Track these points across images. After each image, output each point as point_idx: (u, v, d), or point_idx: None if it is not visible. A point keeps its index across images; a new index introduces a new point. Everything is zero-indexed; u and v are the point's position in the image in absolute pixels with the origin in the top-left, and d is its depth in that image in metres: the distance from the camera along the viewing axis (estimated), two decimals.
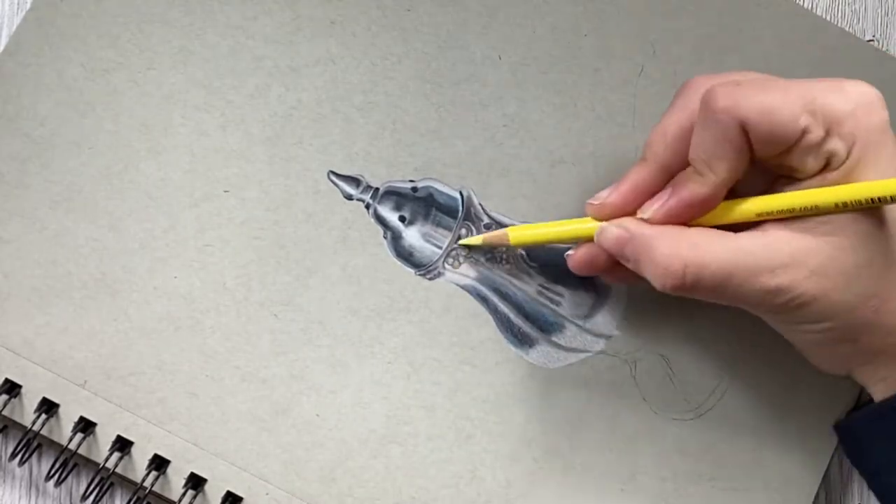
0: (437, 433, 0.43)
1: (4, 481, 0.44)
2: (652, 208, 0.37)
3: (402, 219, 0.44)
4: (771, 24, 0.45)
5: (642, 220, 0.37)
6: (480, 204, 0.44)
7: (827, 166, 0.35)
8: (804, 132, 0.34)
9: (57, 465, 0.42)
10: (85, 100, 0.44)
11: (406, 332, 0.43)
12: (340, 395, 0.43)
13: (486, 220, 0.44)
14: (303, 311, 0.43)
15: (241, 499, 0.42)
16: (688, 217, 0.37)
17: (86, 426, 0.42)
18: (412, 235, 0.44)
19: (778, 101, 0.34)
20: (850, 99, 0.34)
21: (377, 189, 0.44)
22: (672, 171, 0.37)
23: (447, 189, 0.44)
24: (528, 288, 0.44)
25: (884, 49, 0.47)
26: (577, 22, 0.45)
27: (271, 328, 0.43)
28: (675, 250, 0.36)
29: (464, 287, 0.44)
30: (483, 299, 0.44)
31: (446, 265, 0.44)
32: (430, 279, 0.44)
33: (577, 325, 0.43)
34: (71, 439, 0.42)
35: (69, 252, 0.43)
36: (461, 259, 0.44)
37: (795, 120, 0.34)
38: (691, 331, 0.44)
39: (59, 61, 0.44)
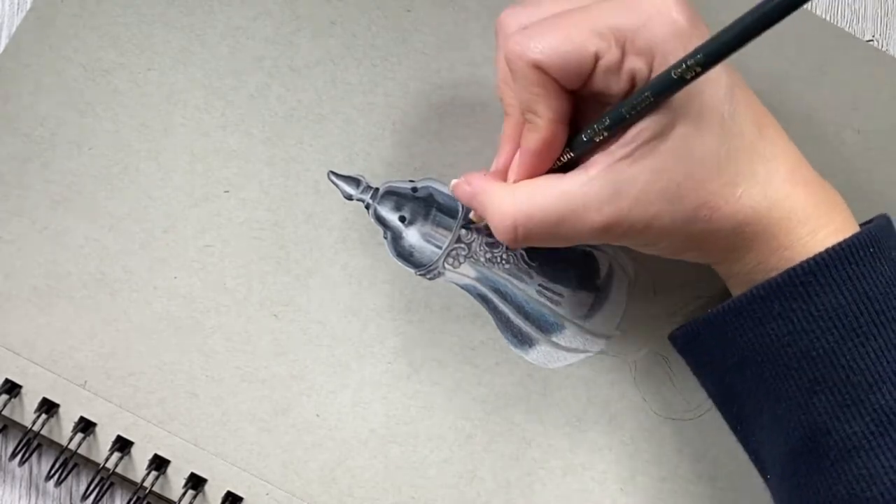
0: (437, 433, 0.43)
1: (4, 481, 0.44)
2: (513, 173, 0.38)
3: (402, 219, 0.44)
4: None
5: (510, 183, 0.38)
6: None
7: (633, 84, 0.35)
8: (597, 57, 0.34)
9: (57, 465, 0.42)
10: (85, 100, 0.44)
11: (406, 332, 0.43)
12: (340, 395, 0.43)
13: None
14: (303, 311, 0.43)
15: (241, 499, 0.42)
16: (542, 164, 0.37)
17: (86, 426, 0.42)
18: (412, 235, 0.44)
19: (562, 35, 0.35)
20: (642, 12, 0.34)
21: (377, 189, 0.44)
22: None
23: (447, 189, 0.44)
24: (528, 288, 0.44)
25: (884, 49, 0.47)
26: None
27: (271, 328, 0.43)
28: (503, 207, 0.37)
29: (464, 287, 0.44)
30: (483, 299, 0.44)
31: (446, 265, 0.44)
32: (430, 279, 0.44)
33: (577, 325, 0.43)
34: (71, 439, 0.42)
35: (69, 252, 0.43)
36: (461, 259, 0.44)
37: (584, 48, 0.34)
38: None
39: (59, 61, 0.44)
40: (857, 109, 0.45)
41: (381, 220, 0.44)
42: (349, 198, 0.44)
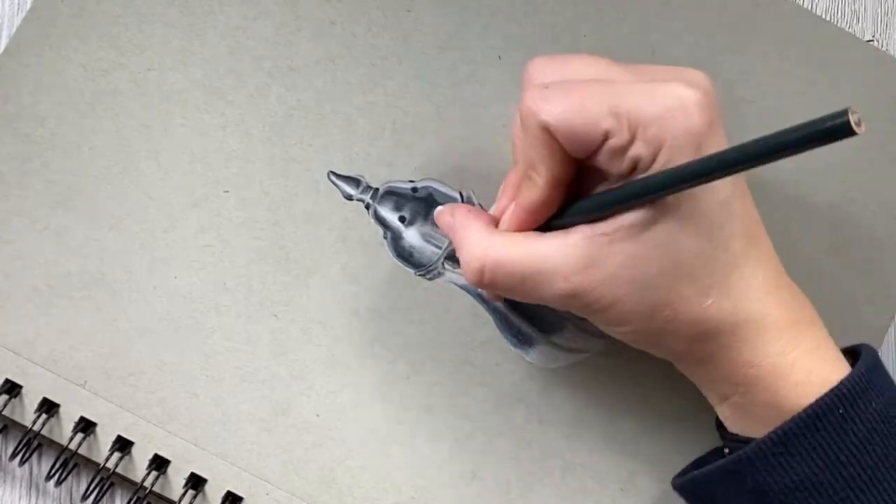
0: (437, 433, 0.43)
1: (4, 481, 0.44)
2: (505, 222, 0.38)
3: (402, 219, 0.44)
4: (770, 24, 0.45)
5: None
6: (480, 204, 0.44)
7: (634, 170, 0.34)
8: (606, 136, 0.34)
9: (57, 465, 0.42)
10: (85, 100, 0.44)
11: (406, 332, 0.43)
12: (340, 395, 0.43)
13: None
14: (303, 311, 0.43)
15: (241, 499, 0.42)
16: (534, 221, 0.37)
17: (86, 426, 0.42)
18: (412, 236, 0.44)
19: (577, 105, 0.34)
20: (659, 102, 0.34)
21: (377, 189, 0.44)
22: None
23: (447, 189, 0.44)
24: None
25: (884, 49, 0.47)
26: (577, 22, 0.45)
27: (271, 328, 0.43)
28: (477, 248, 0.37)
29: (464, 287, 0.44)
30: (483, 299, 0.44)
31: (446, 265, 0.44)
32: (430, 279, 0.44)
33: (576, 325, 0.43)
34: (71, 439, 0.42)
35: (69, 252, 0.43)
36: None
37: (596, 124, 0.34)
38: None
39: (59, 61, 0.44)
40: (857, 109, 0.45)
41: (381, 220, 0.44)
42: (349, 198, 0.44)
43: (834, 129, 0.27)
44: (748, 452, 0.36)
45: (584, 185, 0.37)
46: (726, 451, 0.40)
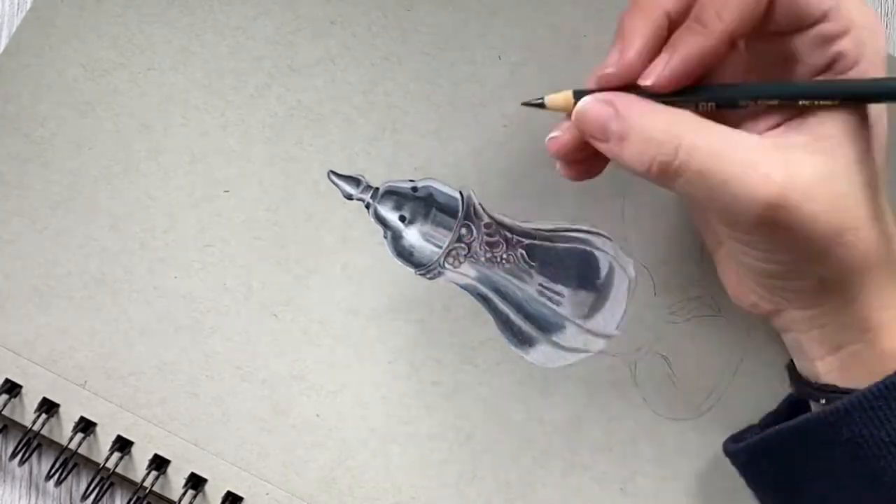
0: (437, 433, 0.43)
1: (4, 481, 0.44)
2: (654, 73, 0.33)
3: (402, 218, 0.44)
4: None
5: (643, 87, 0.33)
6: (480, 204, 0.44)
7: (829, 68, 0.33)
8: (824, 17, 0.32)
9: (57, 465, 0.42)
10: (85, 100, 0.44)
11: (406, 332, 0.43)
12: (340, 395, 0.43)
13: (486, 219, 0.44)
14: (303, 311, 0.43)
15: (241, 499, 0.42)
16: (694, 76, 0.33)
17: (86, 426, 0.42)
18: (412, 235, 0.44)
19: None
20: (870, 15, 0.33)
21: (377, 189, 0.44)
22: (676, 23, 0.34)
23: (447, 189, 0.44)
24: (528, 288, 0.44)
25: None
26: (577, 22, 0.45)
27: (271, 328, 0.43)
28: (670, 127, 0.32)
29: (464, 287, 0.44)
30: (483, 299, 0.44)
31: (446, 265, 0.44)
32: (430, 279, 0.44)
33: (577, 324, 0.43)
34: (71, 439, 0.42)
35: (69, 252, 0.43)
36: (461, 259, 0.44)
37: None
38: (692, 331, 0.44)
39: (59, 61, 0.44)
40: None
41: (381, 220, 0.44)
42: (349, 198, 0.44)
43: None
44: (846, 404, 0.35)
45: (731, 74, 0.35)
46: (822, 401, 0.37)
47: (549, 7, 0.45)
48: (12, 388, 0.42)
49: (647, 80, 0.33)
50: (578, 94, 0.35)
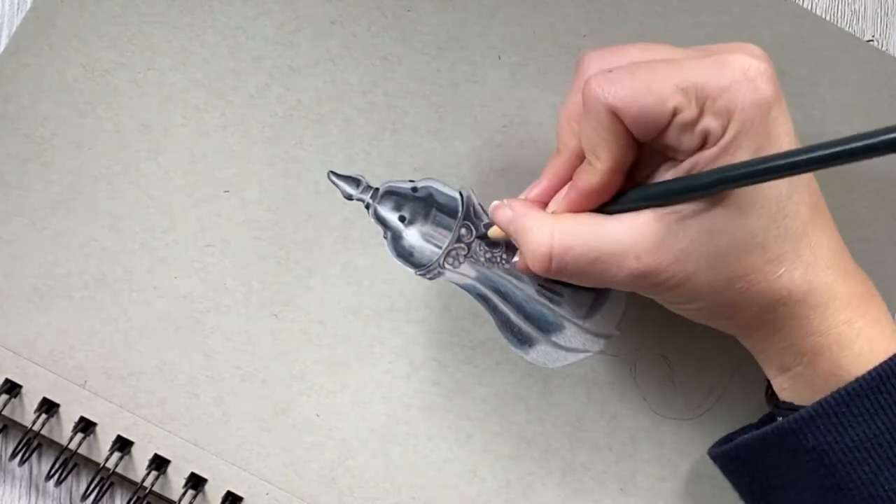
0: (437, 433, 0.43)
1: (4, 481, 0.44)
2: (555, 202, 0.38)
3: (402, 219, 0.44)
4: (771, 24, 0.45)
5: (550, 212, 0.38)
6: (480, 204, 0.44)
7: (704, 144, 0.34)
8: (675, 112, 0.34)
9: (57, 465, 0.42)
10: (85, 100, 0.44)
11: (406, 332, 0.43)
12: (340, 395, 0.43)
13: (486, 219, 0.44)
14: (303, 311, 0.43)
15: (241, 499, 0.42)
16: (588, 206, 0.37)
17: (86, 426, 0.42)
18: (412, 235, 0.44)
19: (644, 85, 0.34)
20: (727, 74, 0.34)
21: (377, 189, 0.44)
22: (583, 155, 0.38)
23: (447, 189, 0.44)
24: (527, 288, 0.44)
25: (884, 49, 0.47)
26: (577, 22, 0.45)
27: (271, 328, 0.43)
28: (544, 234, 0.37)
29: (464, 287, 0.44)
30: (483, 299, 0.44)
31: (446, 265, 0.44)
32: (430, 279, 0.44)
33: (576, 324, 0.43)
34: (71, 439, 0.42)
35: (69, 252, 0.43)
36: (461, 259, 0.44)
37: (664, 102, 0.34)
38: (691, 331, 0.44)
39: (59, 61, 0.44)
40: (857, 109, 0.45)
41: (381, 220, 0.44)
42: (349, 198, 0.44)
43: None
44: (810, 411, 0.36)
45: (639, 169, 0.37)
46: (779, 418, 0.39)
47: (549, 7, 0.45)
48: (12, 388, 0.42)
49: (550, 208, 0.38)
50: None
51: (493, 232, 0.42)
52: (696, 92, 0.34)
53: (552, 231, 0.37)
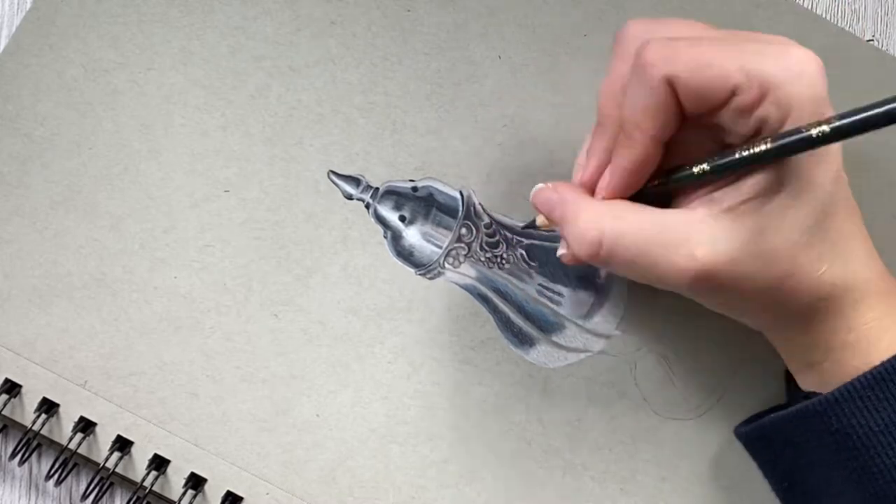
0: (437, 433, 0.43)
1: (4, 481, 0.44)
2: (601, 189, 0.37)
3: (402, 218, 0.44)
4: (771, 24, 0.45)
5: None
6: (480, 204, 0.44)
7: (758, 132, 0.34)
8: (734, 91, 0.33)
9: (57, 465, 0.42)
10: (85, 100, 0.44)
11: (406, 332, 0.43)
12: (340, 395, 0.43)
13: (486, 219, 0.44)
14: (303, 311, 0.43)
15: (241, 499, 0.42)
16: (636, 183, 0.36)
17: (86, 426, 0.42)
18: (412, 235, 0.44)
19: (707, 58, 0.33)
20: (792, 66, 0.33)
21: (377, 189, 0.44)
22: None
23: (447, 189, 0.44)
24: (528, 288, 0.44)
25: (884, 49, 0.47)
26: (577, 22, 0.45)
27: (271, 328, 0.43)
28: (595, 218, 0.36)
29: (464, 287, 0.44)
30: (483, 299, 0.44)
31: (446, 265, 0.44)
32: (431, 279, 0.44)
33: (577, 324, 0.43)
34: (71, 439, 0.42)
35: (69, 252, 0.43)
36: (461, 259, 0.44)
37: (726, 79, 0.33)
38: (692, 331, 0.44)
39: (59, 61, 0.44)
40: None
41: (381, 220, 0.44)
42: (349, 197, 0.44)
43: None
44: (836, 394, 0.36)
45: (677, 151, 0.36)
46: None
47: (549, 7, 0.45)
48: (12, 388, 0.42)
49: (598, 195, 0.37)
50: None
51: (542, 220, 0.40)
52: (760, 77, 0.33)
53: (604, 216, 0.36)
